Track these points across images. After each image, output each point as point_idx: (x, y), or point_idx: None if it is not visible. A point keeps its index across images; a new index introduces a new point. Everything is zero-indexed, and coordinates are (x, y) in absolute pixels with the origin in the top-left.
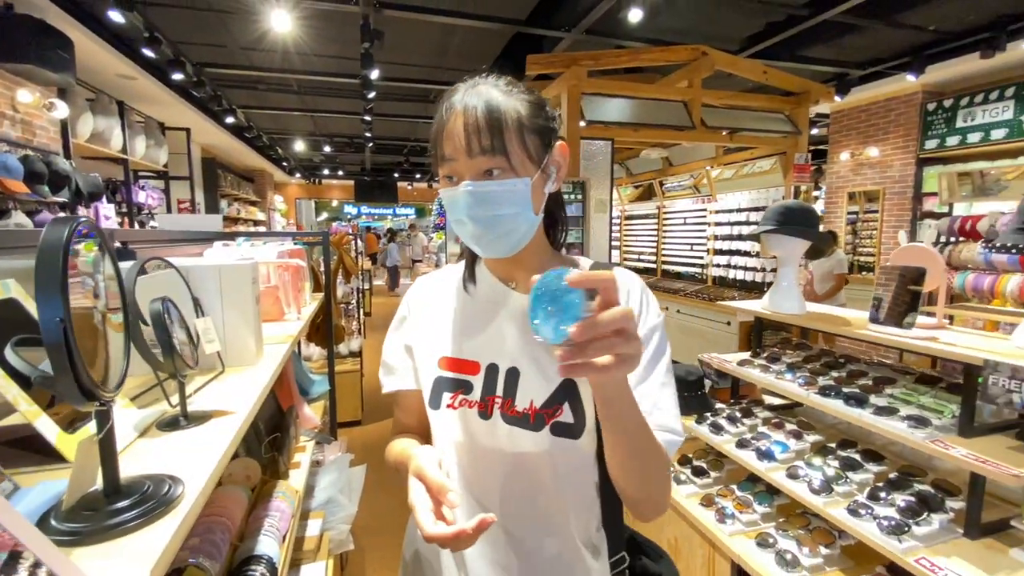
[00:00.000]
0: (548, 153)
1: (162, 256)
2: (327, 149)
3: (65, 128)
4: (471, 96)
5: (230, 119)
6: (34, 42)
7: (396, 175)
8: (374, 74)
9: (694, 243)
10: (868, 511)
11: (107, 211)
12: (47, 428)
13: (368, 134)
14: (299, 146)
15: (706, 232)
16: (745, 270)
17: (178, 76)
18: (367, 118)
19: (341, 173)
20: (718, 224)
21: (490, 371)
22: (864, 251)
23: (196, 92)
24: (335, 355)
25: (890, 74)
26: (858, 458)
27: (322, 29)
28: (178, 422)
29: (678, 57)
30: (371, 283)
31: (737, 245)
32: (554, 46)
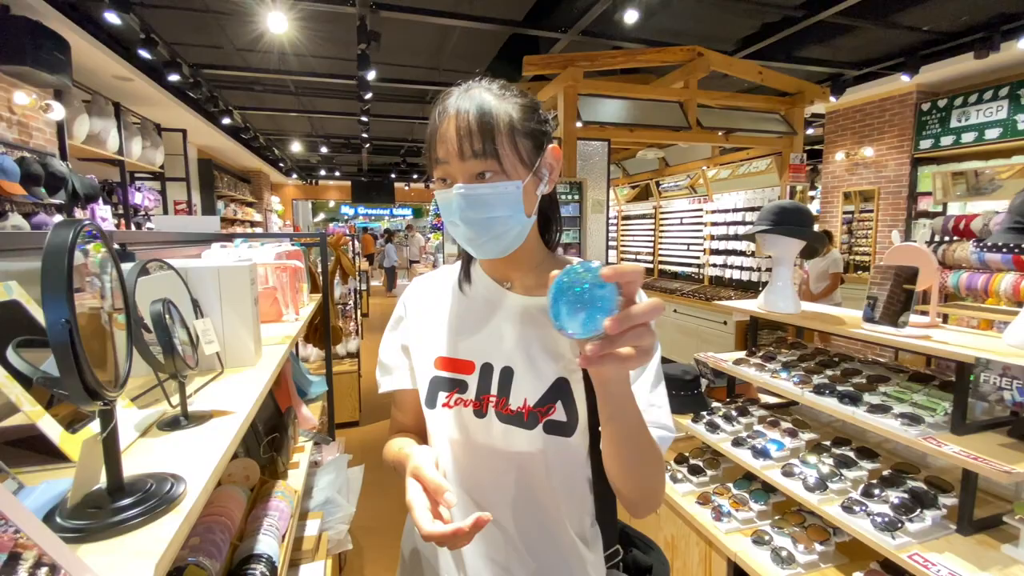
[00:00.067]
0: (540, 156)
1: (160, 258)
2: (324, 150)
3: (61, 130)
4: (464, 100)
5: (227, 120)
6: (30, 44)
7: (393, 176)
8: (371, 75)
9: (691, 243)
10: (862, 508)
11: (103, 213)
12: (50, 428)
13: (365, 135)
14: (296, 147)
15: (702, 232)
16: (741, 270)
17: (174, 77)
18: (364, 119)
19: (338, 174)
20: (714, 224)
21: (485, 370)
22: (860, 250)
23: (192, 93)
24: (332, 356)
25: (885, 74)
26: (852, 456)
27: (318, 30)
28: (179, 422)
29: (674, 58)
30: (368, 284)
31: (733, 245)
32: (550, 47)
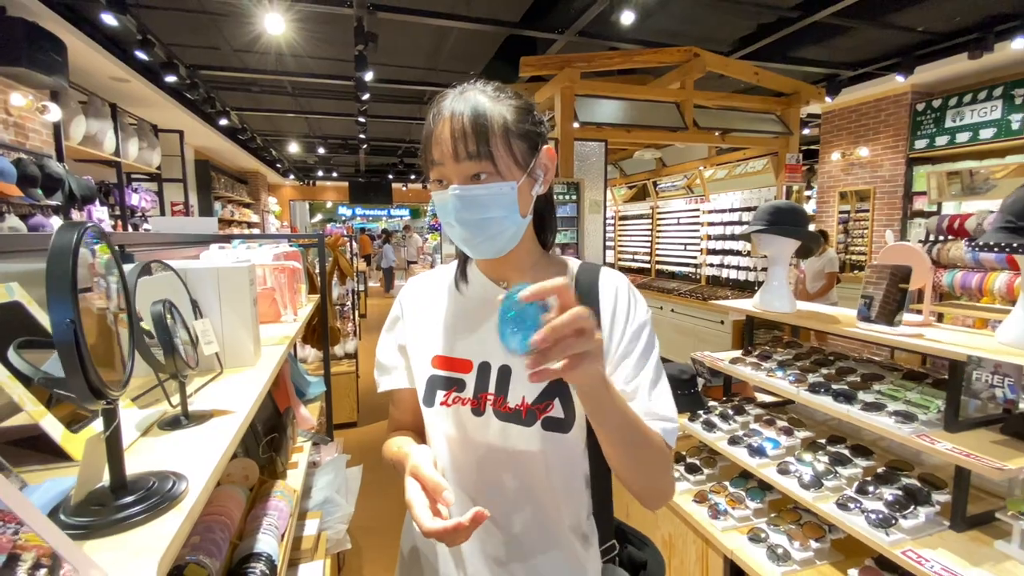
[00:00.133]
0: (535, 157)
1: (158, 259)
2: (321, 151)
3: (58, 131)
4: (459, 102)
5: (224, 121)
6: (27, 45)
7: (390, 176)
8: (368, 76)
9: (688, 243)
10: (857, 505)
11: (100, 214)
12: (52, 427)
13: (362, 135)
14: (293, 148)
15: (699, 232)
16: (738, 269)
17: (171, 78)
18: (361, 120)
19: (335, 174)
20: (711, 224)
21: (482, 369)
22: (856, 250)
23: (189, 94)
24: (331, 357)
25: (880, 75)
26: (847, 453)
27: (316, 31)
28: (179, 421)
29: (670, 59)
30: (366, 285)
31: (730, 245)
32: (547, 48)
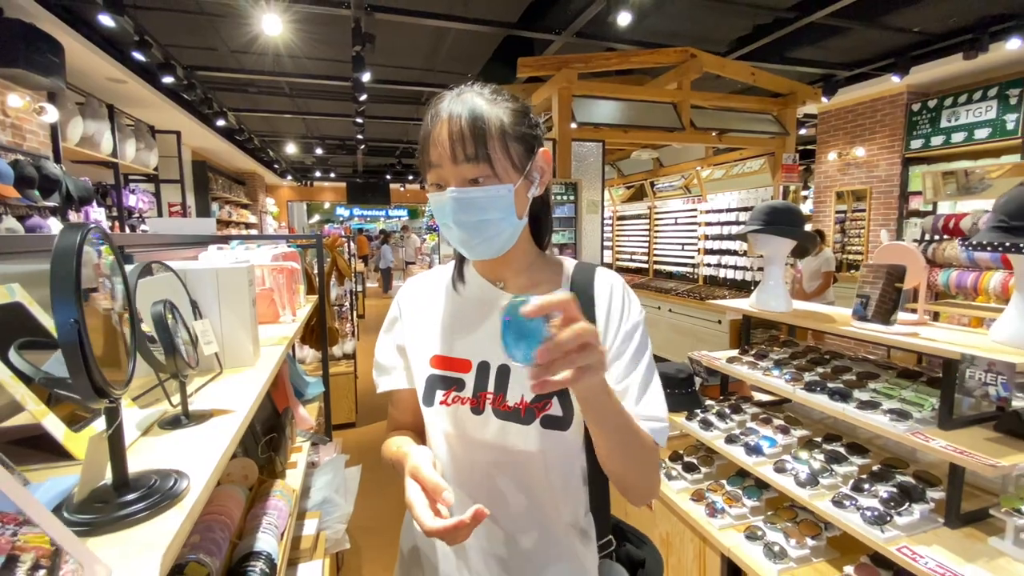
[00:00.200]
0: (532, 159)
1: (157, 260)
2: (319, 151)
3: (55, 132)
4: (456, 104)
5: (221, 122)
6: (24, 46)
7: (388, 177)
8: (366, 77)
9: (685, 243)
10: (852, 502)
11: (97, 215)
12: (54, 426)
13: (360, 136)
14: (291, 148)
15: (697, 232)
16: (735, 269)
17: (168, 79)
18: (359, 120)
19: (333, 175)
20: (708, 224)
21: (481, 368)
22: (852, 249)
23: (187, 95)
24: (329, 357)
25: (875, 75)
26: (843, 451)
27: (313, 32)
28: (180, 421)
29: (667, 59)
30: (364, 285)
31: (727, 245)
32: (544, 49)
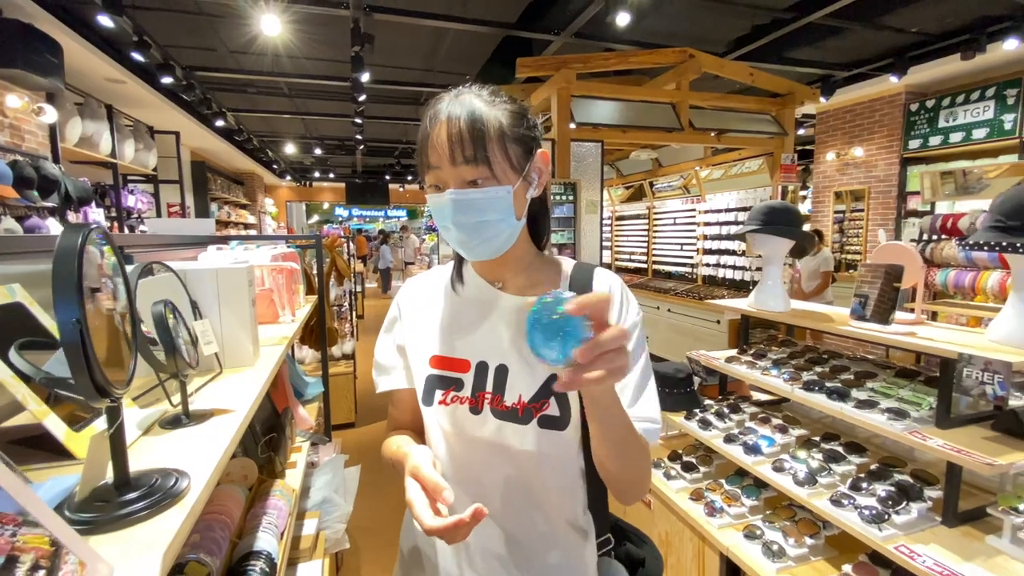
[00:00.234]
0: (530, 160)
1: (157, 260)
2: (318, 152)
3: (54, 132)
4: (455, 106)
5: (220, 122)
6: (22, 47)
7: (387, 177)
8: (365, 77)
9: (684, 243)
10: (850, 501)
11: (96, 216)
12: (55, 426)
13: (359, 136)
14: (290, 149)
15: (696, 232)
16: (734, 269)
17: (167, 80)
18: (358, 120)
19: (332, 175)
20: (707, 224)
21: (480, 368)
22: (851, 249)
23: (185, 95)
24: (328, 358)
25: (873, 75)
26: (841, 450)
27: (312, 33)
28: (180, 420)
29: (666, 60)
30: (363, 286)
31: (726, 244)
32: (543, 49)
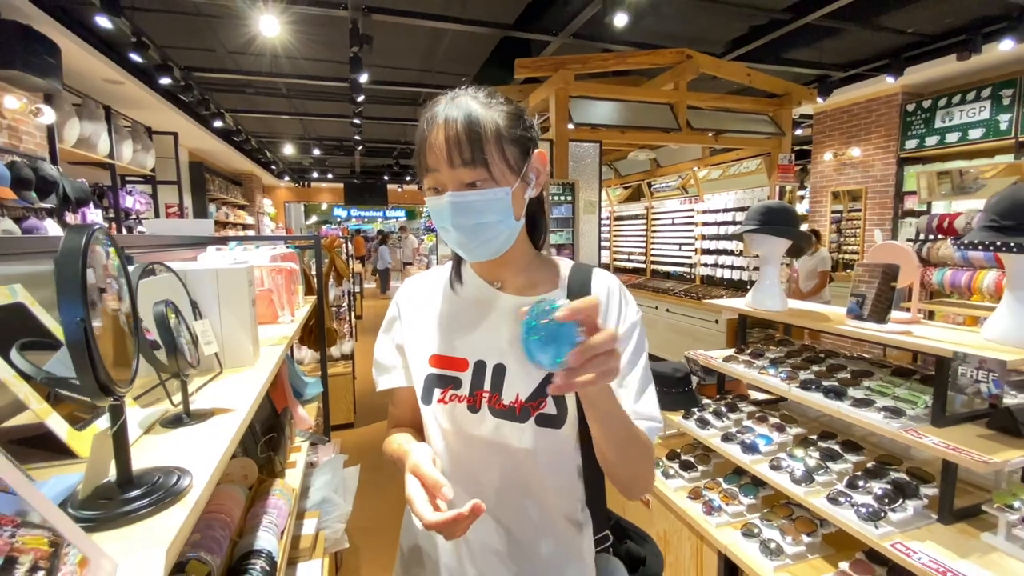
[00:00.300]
0: (527, 161)
1: (157, 260)
2: (316, 152)
3: (52, 133)
4: (452, 108)
5: (218, 123)
6: (20, 48)
7: (386, 178)
8: (363, 78)
9: (682, 243)
10: (847, 499)
11: (94, 216)
12: (57, 425)
13: (357, 137)
14: (288, 149)
15: (694, 232)
16: (732, 269)
17: (165, 80)
18: (356, 121)
19: (330, 176)
20: (705, 224)
21: (478, 367)
22: (848, 249)
23: (184, 96)
24: (327, 358)
25: (870, 76)
26: (838, 449)
27: (311, 33)
28: (181, 419)
29: (663, 60)
30: (362, 286)
31: (724, 244)
32: (542, 50)
